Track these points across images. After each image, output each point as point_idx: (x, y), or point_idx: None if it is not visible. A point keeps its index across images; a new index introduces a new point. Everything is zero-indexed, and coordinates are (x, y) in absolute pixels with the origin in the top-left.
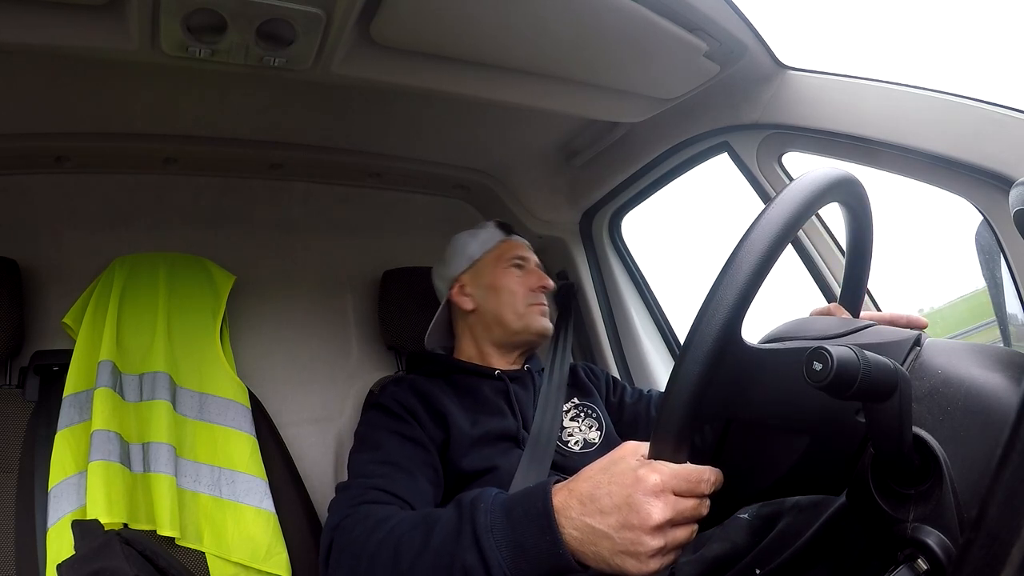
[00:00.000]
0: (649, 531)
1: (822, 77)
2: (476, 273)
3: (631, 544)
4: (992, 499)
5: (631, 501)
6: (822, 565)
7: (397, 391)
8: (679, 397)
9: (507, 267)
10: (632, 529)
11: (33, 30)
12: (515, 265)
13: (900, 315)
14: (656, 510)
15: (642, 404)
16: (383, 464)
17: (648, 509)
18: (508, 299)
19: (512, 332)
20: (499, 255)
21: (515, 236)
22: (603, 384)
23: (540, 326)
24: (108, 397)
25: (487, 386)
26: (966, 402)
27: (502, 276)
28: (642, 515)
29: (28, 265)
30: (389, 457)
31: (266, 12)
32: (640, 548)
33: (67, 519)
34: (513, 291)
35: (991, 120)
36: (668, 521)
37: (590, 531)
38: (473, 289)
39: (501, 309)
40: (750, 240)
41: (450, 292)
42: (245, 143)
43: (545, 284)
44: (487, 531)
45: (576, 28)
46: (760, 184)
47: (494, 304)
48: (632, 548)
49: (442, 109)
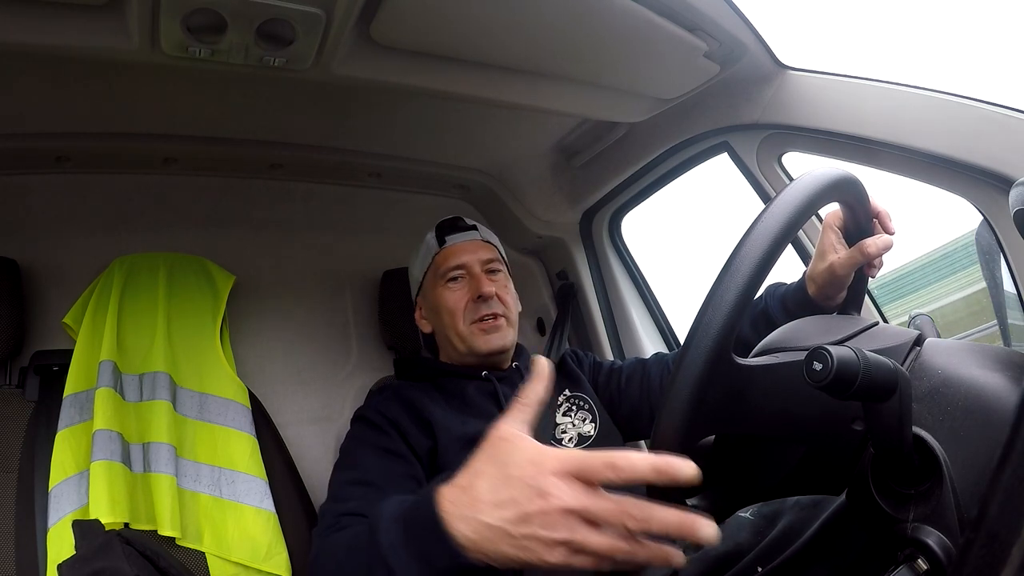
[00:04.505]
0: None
1: (822, 77)
2: (424, 295)
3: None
4: (992, 499)
5: (532, 486)
6: (823, 564)
7: (381, 401)
8: (674, 410)
9: (444, 283)
10: (528, 521)
11: (33, 30)
12: (452, 278)
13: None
14: (562, 494)
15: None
16: (358, 485)
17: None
18: (449, 320)
19: (463, 354)
20: (435, 271)
21: (454, 237)
22: (587, 368)
23: (485, 348)
24: (109, 397)
25: (474, 387)
26: (966, 402)
27: (440, 295)
28: (541, 501)
29: (28, 265)
30: (366, 476)
31: (266, 12)
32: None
33: (67, 519)
34: (451, 310)
35: (991, 120)
36: (573, 510)
37: (485, 527)
38: (426, 312)
39: (447, 331)
40: (750, 241)
41: (415, 316)
42: (245, 143)
43: (483, 291)
44: (392, 550)
45: (576, 28)
46: (760, 184)
47: (441, 327)
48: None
49: (442, 109)
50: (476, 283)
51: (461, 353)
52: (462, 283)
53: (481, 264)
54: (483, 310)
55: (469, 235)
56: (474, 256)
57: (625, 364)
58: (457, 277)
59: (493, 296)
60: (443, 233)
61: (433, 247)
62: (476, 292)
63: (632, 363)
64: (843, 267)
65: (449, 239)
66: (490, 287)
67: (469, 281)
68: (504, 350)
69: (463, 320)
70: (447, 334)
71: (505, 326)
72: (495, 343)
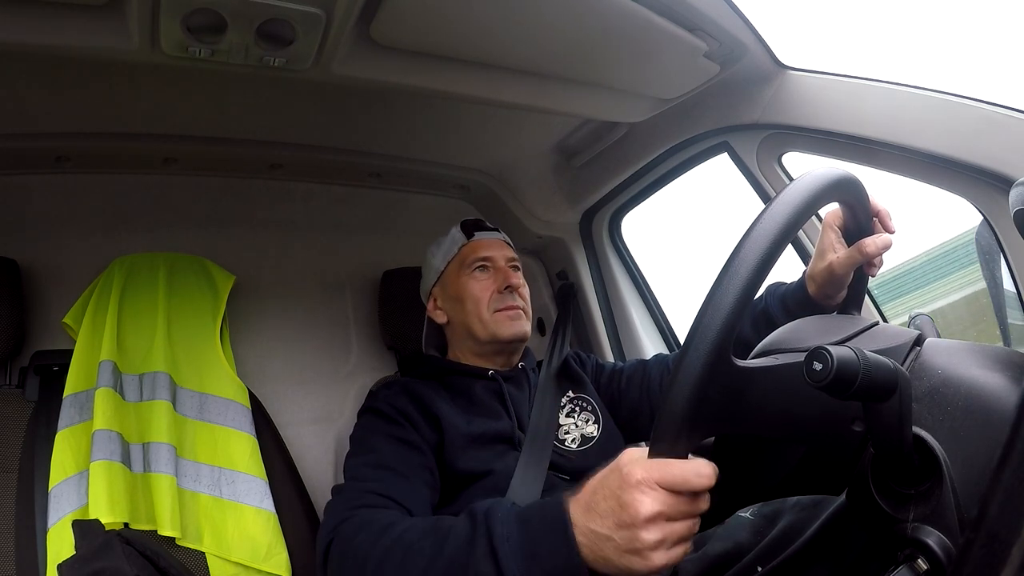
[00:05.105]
0: (642, 525)
1: (822, 77)
2: (443, 285)
3: (630, 542)
4: (992, 499)
5: (620, 499)
6: (823, 564)
7: (390, 394)
8: (674, 410)
9: (470, 273)
10: (626, 527)
11: (33, 30)
12: (479, 268)
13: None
14: (643, 504)
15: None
16: (379, 468)
17: (635, 504)
18: (472, 308)
19: (482, 342)
20: (461, 261)
21: (481, 234)
22: (590, 370)
23: (508, 333)
24: (109, 397)
25: (481, 387)
26: (966, 402)
27: (465, 284)
28: (631, 511)
29: (28, 265)
30: (385, 461)
31: (266, 12)
32: (638, 544)
33: (67, 519)
34: (477, 298)
35: (991, 120)
36: (659, 514)
37: (594, 536)
38: (443, 302)
39: (468, 319)
40: (750, 241)
41: (427, 307)
42: (245, 143)
43: (512, 282)
44: (504, 540)
45: (576, 28)
46: (760, 184)
47: (461, 315)
48: (632, 545)
49: (442, 109)
50: (503, 275)
51: (479, 341)
52: (488, 273)
53: (506, 260)
54: (508, 300)
55: (494, 235)
56: (500, 252)
57: (626, 365)
58: (485, 267)
59: (518, 289)
60: (470, 228)
61: (460, 239)
62: (503, 283)
63: (633, 364)
64: (843, 266)
65: (477, 234)
66: (517, 279)
67: (495, 273)
68: (524, 338)
69: (487, 308)
70: (467, 322)
71: (524, 318)
72: (517, 329)
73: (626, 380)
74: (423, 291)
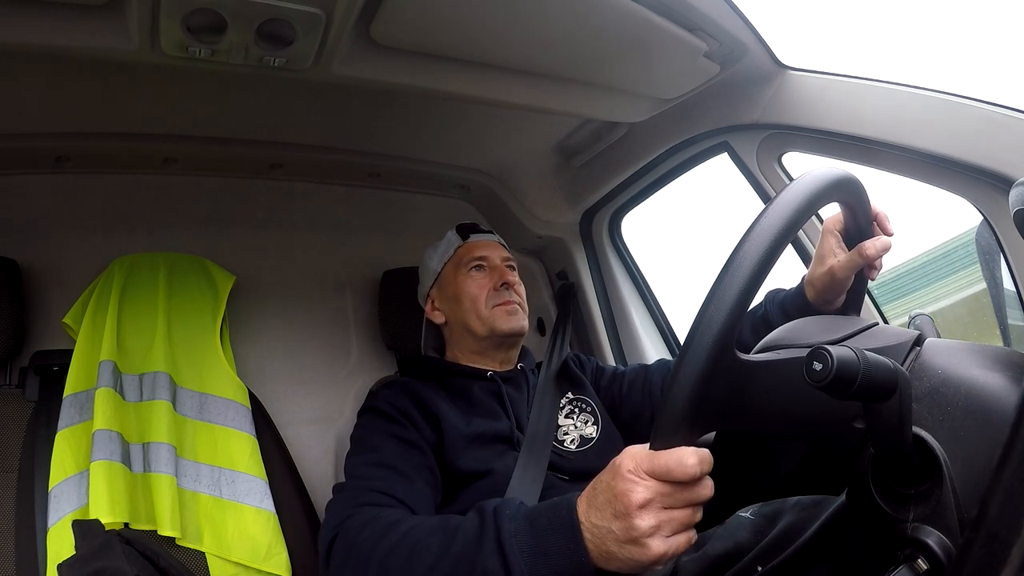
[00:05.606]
0: (635, 512)
1: (822, 77)
2: (440, 286)
3: (626, 531)
4: (992, 499)
5: (614, 490)
6: (823, 564)
7: (390, 394)
8: (675, 405)
9: (467, 272)
10: (621, 516)
11: (33, 30)
12: (475, 267)
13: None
14: (634, 492)
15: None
16: (381, 467)
17: (628, 493)
18: (470, 305)
19: (481, 338)
20: (457, 262)
21: (477, 236)
22: (589, 372)
23: (507, 327)
24: (109, 397)
25: (480, 387)
26: (966, 402)
27: (462, 283)
28: (624, 500)
29: (28, 265)
30: (386, 460)
31: (266, 12)
32: (634, 532)
33: (67, 519)
34: (474, 296)
35: (991, 120)
36: (649, 501)
37: (597, 530)
38: (441, 303)
39: (466, 317)
40: (751, 239)
41: (425, 309)
42: (245, 143)
43: (507, 279)
44: (512, 537)
45: (576, 28)
46: (760, 184)
47: (459, 314)
48: (629, 534)
49: (442, 109)
50: (499, 273)
51: (478, 338)
52: (485, 272)
53: (502, 259)
54: (505, 296)
55: (489, 236)
56: (495, 252)
57: (627, 369)
58: (481, 266)
59: (514, 286)
60: (465, 230)
61: (456, 241)
62: (500, 280)
63: (635, 368)
64: (843, 270)
65: (472, 236)
66: (513, 276)
67: (491, 272)
68: (521, 332)
69: (485, 304)
70: (466, 319)
71: (521, 312)
72: (515, 323)
73: (628, 384)
74: (420, 294)
